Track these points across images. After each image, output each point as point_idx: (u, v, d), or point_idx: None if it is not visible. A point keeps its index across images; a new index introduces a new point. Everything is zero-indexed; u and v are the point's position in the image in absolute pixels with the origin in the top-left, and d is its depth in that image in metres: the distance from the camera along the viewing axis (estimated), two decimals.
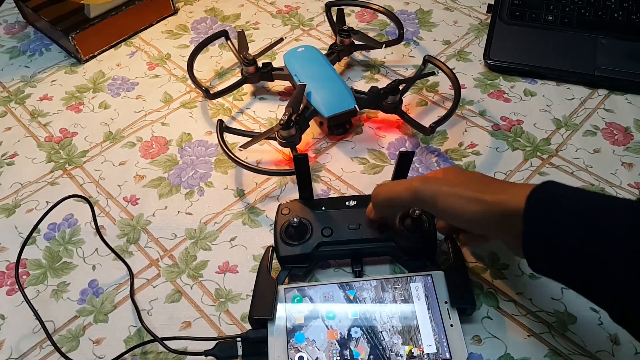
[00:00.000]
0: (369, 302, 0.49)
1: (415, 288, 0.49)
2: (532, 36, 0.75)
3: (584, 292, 0.40)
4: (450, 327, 0.47)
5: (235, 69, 0.77)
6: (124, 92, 0.74)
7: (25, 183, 0.64)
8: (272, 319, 0.47)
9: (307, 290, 0.50)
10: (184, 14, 0.87)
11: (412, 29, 0.81)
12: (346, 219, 0.53)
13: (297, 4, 0.87)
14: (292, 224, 0.52)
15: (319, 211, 0.54)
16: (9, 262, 0.57)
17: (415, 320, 0.48)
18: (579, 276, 0.39)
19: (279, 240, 0.52)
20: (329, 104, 0.62)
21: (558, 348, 0.48)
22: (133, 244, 0.57)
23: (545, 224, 0.39)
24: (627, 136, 0.65)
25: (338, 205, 0.55)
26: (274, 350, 0.46)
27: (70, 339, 0.50)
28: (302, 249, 0.51)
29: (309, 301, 0.49)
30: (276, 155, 0.65)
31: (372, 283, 0.50)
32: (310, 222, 0.53)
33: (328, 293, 0.50)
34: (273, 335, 0.47)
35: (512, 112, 0.68)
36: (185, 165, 0.64)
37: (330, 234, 0.52)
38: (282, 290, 0.50)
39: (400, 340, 0.47)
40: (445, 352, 0.46)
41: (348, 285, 0.50)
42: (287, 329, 0.47)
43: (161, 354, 0.49)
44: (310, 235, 0.52)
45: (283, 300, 0.49)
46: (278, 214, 0.55)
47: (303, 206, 0.55)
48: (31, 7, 0.82)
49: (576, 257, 0.38)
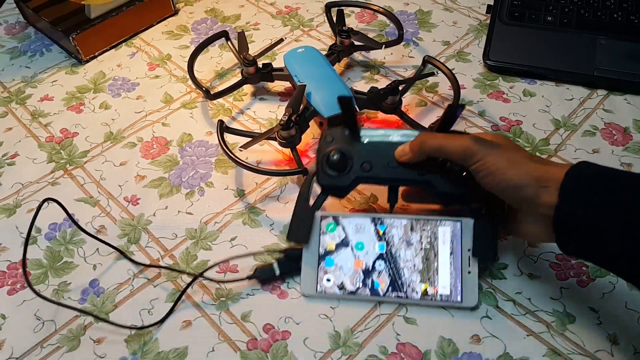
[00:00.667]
0: (397, 240, 0.52)
1: (442, 232, 0.51)
2: (532, 37, 0.75)
3: (612, 267, 0.42)
4: (467, 274, 0.50)
5: (235, 70, 0.77)
6: (124, 93, 0.75)
7: (26, 183, 0.64)
8: (308, 244, 0.52)
9: (341, 220, 0.53)
10: (184, 15, 0.87)
11: (411, 30, 0.81)
12: (388, 156, 0.52)
13: (297, 4, 0.87)
14: (333, 157, 0.52)
15: (362, 143, 0.53)
16: (10, 262, 0.57)
17: (436, 263, 0.51)
18: (608, 251, 0.40)
19: (319, 168, 0.53)
20: (329, 104, 0.62)
21: (557, 347, 0.48)
22: (134, 244, 0.57)
23: (579, 195, 0.41)
24: (626, 136, 0.65)
25: (381, 138, 0.53)
26: (306, 271, 0.52)
27: (71, 338, 0.50)
28: (340, 181, 0.52)
29: (342, 230, 0.53)
30: (276, 156, 0.65)
31: (403, 222, 0.52)
32: (350, 154, 0.52)
33: (360, 225, 0.53)
34: (306, 258, 0.52)
35: (512, 112, 0.68)
36: (185, 165, 0.65)
37: (370, 169, 0.52)
38: (318, 216, 0.53)
39: (418, 278, 0.50)
40: (457, 295, 0.49)
41: (380, 220, 0.53)
42: (319, 254, 0.52)
43: (161, 353, 0.49)
44: (350, 169, 0.52)
45: (318, 226, 0.53)
46: (322, 141, 0.54)
47: (346, 136, 0.53)
48: (32, 8, 0.82)
49: (607, 230, 0.40)
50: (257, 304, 0.52)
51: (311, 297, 0.52)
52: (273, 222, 0.58)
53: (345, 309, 0.51)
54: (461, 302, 0.49)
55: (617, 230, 0.40)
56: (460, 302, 0.49)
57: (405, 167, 0.51)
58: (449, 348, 0.48)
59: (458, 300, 0.49)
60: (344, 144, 0.53)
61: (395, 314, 0.51)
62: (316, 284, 0.52)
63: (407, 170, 0.51)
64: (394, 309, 0.51)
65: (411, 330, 0.49)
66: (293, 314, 0.51)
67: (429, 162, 0.50)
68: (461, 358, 0.48)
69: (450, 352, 0.48)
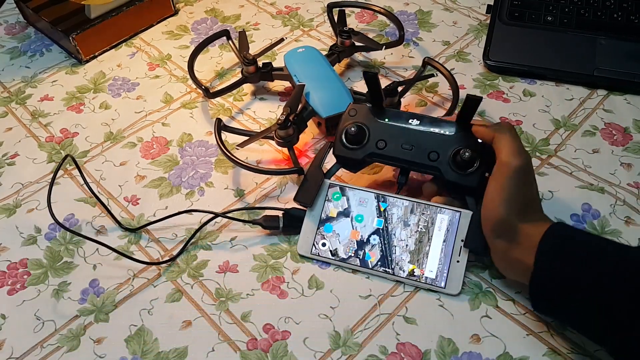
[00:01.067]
0: (395, 218, 0.54)
1: (440, 219, 0.53)
2: (532, 37, 0.75)
3: (584, 329, 0.44)
4: (455, 263, 0.51)
5: (235, 70, 0.77)
6: (124, 93, 0.75)
7: (26, 183, 0.64)
8: (312, 207, 0.55)
9: (347, 191, 0.56)
10: (184, 15, 0.87)
11: (411, 30, 0.81)
12: (403, 137, 0.54)
13: (297, 4, 0.87)
14: (350, 129, 0.54)
15: (382, 122, 0.55)
16: (10, 262, 0.57)
17: (428, 247, 0.53)
18: (581, 313, 0.43)
19: (337, 139, 0.56)
20: (327, 104, 0.62)
21: (557, 347, 0.48)
22: (134, 244, 0.57)
23: (554, 261, 0.44)
24: (626, 136, 0.65)
25: (401, 120, 0.55)
26: (305, 232, 0.55)
27: (71, 338, 0.50)
28: (354, 154, 0.55)
29: (346, 201, 0.55)
30: (276, 155, 0.65)
31: (405, 203, 0.54)
32: (369, 130, 0.55)
33: (364, 199, 0.55)
34: (308, 219, 0.55)
35: (511, 112, 0.68)
36: (185, 165, 0.65)
37: (384, 147, 0.54)
38: (327, 184, 0.56)
39: (408, 258, 0.53)
40: (442, 281, 0.51)
41: (383, 198, 0.55)
42: (320, 218, 0.55)
43: (161, 353, 0.49)
44: (365, 143, 0.55)
45: (325, 192, 0.56)
46: (345, 114, 0.57)
47: (369, 113, 0.56)
48: (32, 8, 0.82)
49: (580, 294, 0.42)
50: (257, 304, 0.52)
51: (304, 257, 0.55)
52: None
53: (345, 308, 0.51)
54: (444, 288, 0.51)
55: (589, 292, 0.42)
56: (443, 287, 0.51)
57: (418, 150, 0.54)
58: (448, 347, 0.48)
59: (442, 286, 0.51)
60: (365, 119, 0.55)
61: (395, 314, 0.51)
62: (312, 246, 0.54)
63: (420, 154, 0.54)
64: (394, 309, 0.51)
65: (411, 330, 0.49)
66: (293, 314, 0.51)
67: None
68: (461, 357, 0.48)
69: (450, 351, 0.48)
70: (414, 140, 0.54)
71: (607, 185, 0.60)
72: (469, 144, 0.52)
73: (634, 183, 0.60)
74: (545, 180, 0.60)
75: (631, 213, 0.57)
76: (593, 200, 0.58)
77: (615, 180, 0.60)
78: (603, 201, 0.58)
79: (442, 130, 0.54)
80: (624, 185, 0.60)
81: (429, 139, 0.54)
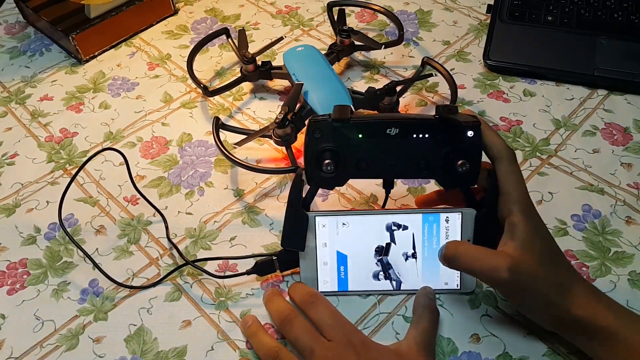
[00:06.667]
0: (396, 237, 0.51)
1: (444, 223, 0.51)
2: (532, 36, 0.75)
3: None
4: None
5: (234, 69, 0.77)
6: (124, 92, 0.75)
7: (26, 183, 0.64)
8: (304, 249, 0.51)
9: (338, 218, 0.51)
10: (184, 15, 0.87)
11: (411, 29, 0.81)
12: (385, 153, 0.48)
13: (297, 4, 0.87)
14: (325, 158, 0.48)
15: (355, 140, 0.48)
16: (9, 262, 0.57)
17: (435, 254, 0.51)
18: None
19: (308, 168, 0.49)
20: (325, 103, 0.62)
21: (557, 347, 0.48)
22: (134, 244, 0.57)
23: None
24: (627, 136, 0.65)
25: (377, 133, 0.48)
26: (305, 273, 0.52)
27: (70, 337, 0.50)
28: (335, 181, 0.49)
29: (340, 228, 0.51)
30: (276, 154, 0.65)
31: (401, 216, 0.51)
32: (344, 153, 0.48)
33: (358, 222, 0.51)
34: (304, 260, 0.51)
35: (512, 112, 0.68)
36: (185, 165, 0.65)
37: (366, 167, 0.48)
38: (312, 218, 0.50)
39: (416, 272, 0.51)
40: (455, 282, 0.51)
41: (377, 218, 0.51)
42: (317, 257, 0.51)
43: (161, 353, 0.49)
44: (344, 168, 0.48)
45: (314, 228, 0.51)
46: (309, 137, 0.48)
47: (337, 131, 0.48)
48: (31, 8, 0.82)
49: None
50: (256, 304, 0.52)
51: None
52: (272, 221, 0.58)
53: (344, 308, 0.51)
54: (459, 289, 0.51)
55: None
56: (458, 289, 0.51)
57: (404, 163, 0.48)
58: (448, 347, 0.48)
59: (457, 288, 0.51)
60: (335, 141, 0.48)
61: (395, 313, 0.51)
62: (317, 285, 0.52)
63: (408, 167, 0.48)
64: (393, 308, 0.51)
65: None
66: None
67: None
68: (460, 357, 0.47)
69: (449, 351, 0.48)
70: (398, 153, 0.48)
71: (607, 186, 0.59)
72: (454, 144, 0.47)
73: (634, 183, 0.60)
74: (546, 181, 0.60)
75: (632, 213, 0.57)
76: (593, 201, 0.58)
77: (616, 181, 0.60)
78: (603, 201, 0.58)
79: (424, 134, 0.47)
80: (624, 186, 0.59)
81: (413, 148, 0.48)
